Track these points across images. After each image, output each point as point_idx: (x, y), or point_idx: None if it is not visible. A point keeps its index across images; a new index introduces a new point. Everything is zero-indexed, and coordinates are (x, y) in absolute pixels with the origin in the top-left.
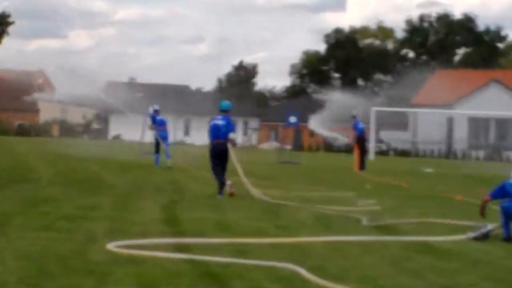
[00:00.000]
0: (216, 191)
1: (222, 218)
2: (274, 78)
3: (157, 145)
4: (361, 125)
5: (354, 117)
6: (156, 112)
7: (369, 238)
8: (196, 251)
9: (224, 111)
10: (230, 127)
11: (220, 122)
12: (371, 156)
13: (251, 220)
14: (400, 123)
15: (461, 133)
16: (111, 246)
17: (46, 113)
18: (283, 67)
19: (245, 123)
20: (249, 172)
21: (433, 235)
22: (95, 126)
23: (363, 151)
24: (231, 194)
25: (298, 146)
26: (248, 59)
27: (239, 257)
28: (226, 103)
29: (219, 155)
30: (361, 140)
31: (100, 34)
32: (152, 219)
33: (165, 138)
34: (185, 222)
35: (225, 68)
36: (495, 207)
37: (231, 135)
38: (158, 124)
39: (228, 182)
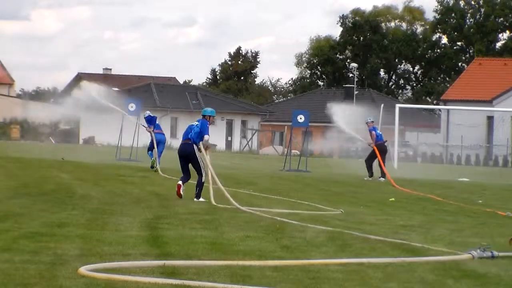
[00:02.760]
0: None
1: (217, 237)
2: (279, 69)
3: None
4: (379, 132)
5: (371, 122)
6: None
7: (393, 260)
8: (187, 275)
9: (203, 116)
10: (203, 130)
11: (195, 123)
12: (394, 163)
13: (252, 239)
14: (430, 123)
15: (503, 135)
16: (84, 269)
17: (4, 112)
18: (290, 56)
19: (244, 123)
20: (246, 183)
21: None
22: (63, 127)
23: (372, 158)
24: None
25: (307, 151)
26: (249, 46)
27: (238, 282)
28: (209, 109)
29: (182, 156)
30: (380, 149)
31: (70, 15)
32: (132, 238)
33: (162, 142)
34: (172, 241)
35: (221, 57)
36: None
37: (206, 137)
38: (156, 128)
39: (179, 183)
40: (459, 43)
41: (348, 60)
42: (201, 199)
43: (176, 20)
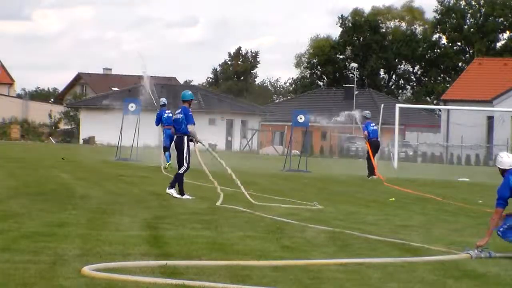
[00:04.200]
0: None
1: (217, 237)
2: (279, 69)
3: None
4: (373, 128)
5: (367, 118)
6: (164, 107)
7: (393, 260)
8: (187, 275)
9: (183, 101)
10: (188, 120)
11: (179, 115)
12: (394, 163)
13: (252, 239)
14: (430, 122)
15: (503, 135)
16: (87, 269)
17: (4, 112)
18: (290, 56)
19: (244, 123)
20: (246, 183)
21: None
22: (63, 126)
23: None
24: None
25: (307, 151)
26: (250, 45)
27: (238, 282)
28: (187, 92)
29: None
30: (373, 145)
31: (71, 15)
32: (133, 238)
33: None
34: (172, 241)
35: (222, 57)
36: None
37: (190, 128)
38: (166, 123)
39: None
40: (459, 43)
41: (348, 60)
42: (172, 191)
43: (178, 20)
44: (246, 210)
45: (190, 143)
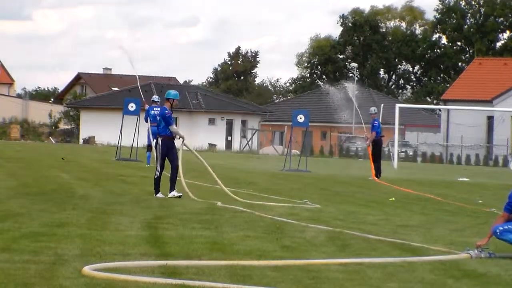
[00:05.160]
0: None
1: (217, 237)
2: (280, 69)
3: (150, 143)
4: (379, 126)
5: (375, 113)
6: (154, 103)
7: (393, 260)
8: (187, 275)
9: (166, 99)
10: (166, 121)
11: (159, 117)
12: (394, 163)
13: (252, 239)
14: (430, 122)
15: (503, 135)
16: (87, 269)
17: (4, 112)
18: (291, 55)
19: (244, 123)
20: (246, 183)
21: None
22: (63, 126)
23: (377, 157)
24: None
25: (307, 151)
26: (251, 45)
27: (238, 282)
28: (172, 91)
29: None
30: (376, 144)
31: (72, 15)
32: (132, 238)
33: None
34: (172, 241)
35: (222, 57)
36: None
37: (171, 129)
38: (152, 120)
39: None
40: (459, 43)
41: (348, 60)
42: (159, 195)
43: (179, 20)
44: (246, 210)
45: (166, 144)
